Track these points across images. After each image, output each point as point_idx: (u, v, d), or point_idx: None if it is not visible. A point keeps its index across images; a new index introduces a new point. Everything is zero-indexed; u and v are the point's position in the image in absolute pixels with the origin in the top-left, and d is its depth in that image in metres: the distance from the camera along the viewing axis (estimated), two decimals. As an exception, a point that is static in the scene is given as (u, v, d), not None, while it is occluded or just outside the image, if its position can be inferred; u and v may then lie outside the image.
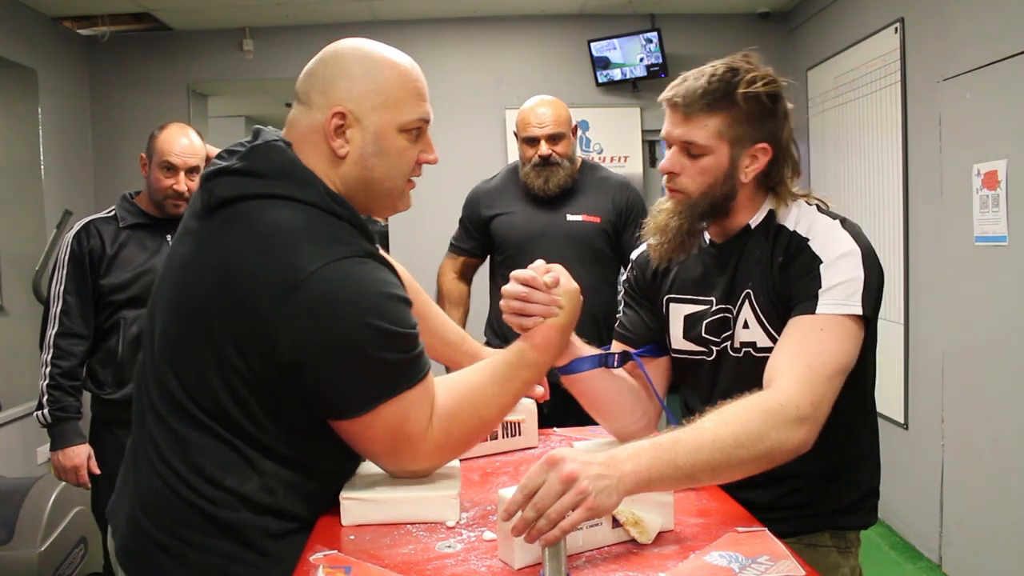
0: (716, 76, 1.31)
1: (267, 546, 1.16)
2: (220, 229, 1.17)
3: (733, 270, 1.39)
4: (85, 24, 4.50)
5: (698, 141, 1.32)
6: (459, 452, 1.29)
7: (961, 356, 3.12)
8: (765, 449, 1.13)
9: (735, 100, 1.30)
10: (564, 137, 2.63)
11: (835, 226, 1.32)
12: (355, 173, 1.23)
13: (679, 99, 1.33)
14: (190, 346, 1.16)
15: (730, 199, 1.36)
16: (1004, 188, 2.80)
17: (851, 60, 3.99)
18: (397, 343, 1.14)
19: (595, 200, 2.68)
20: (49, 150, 4.21)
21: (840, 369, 1.23)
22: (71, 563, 2.76)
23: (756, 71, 1.32)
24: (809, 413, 1.16)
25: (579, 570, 1.05)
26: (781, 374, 1.21)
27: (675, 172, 1.37)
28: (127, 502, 1.22)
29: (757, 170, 1.35)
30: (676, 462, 1.07)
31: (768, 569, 1.02)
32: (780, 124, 1.34)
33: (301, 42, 4.76)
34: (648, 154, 4.96)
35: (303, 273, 1.09)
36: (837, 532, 1.40)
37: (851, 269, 1.26)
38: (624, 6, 4.67)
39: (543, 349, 1.30)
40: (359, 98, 1.21)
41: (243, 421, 1.15)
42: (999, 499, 2.87)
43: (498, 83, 4.81)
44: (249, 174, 1.18)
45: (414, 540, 1.16)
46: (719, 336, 1.41)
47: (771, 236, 1.36)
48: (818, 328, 1.24)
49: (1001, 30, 2.82)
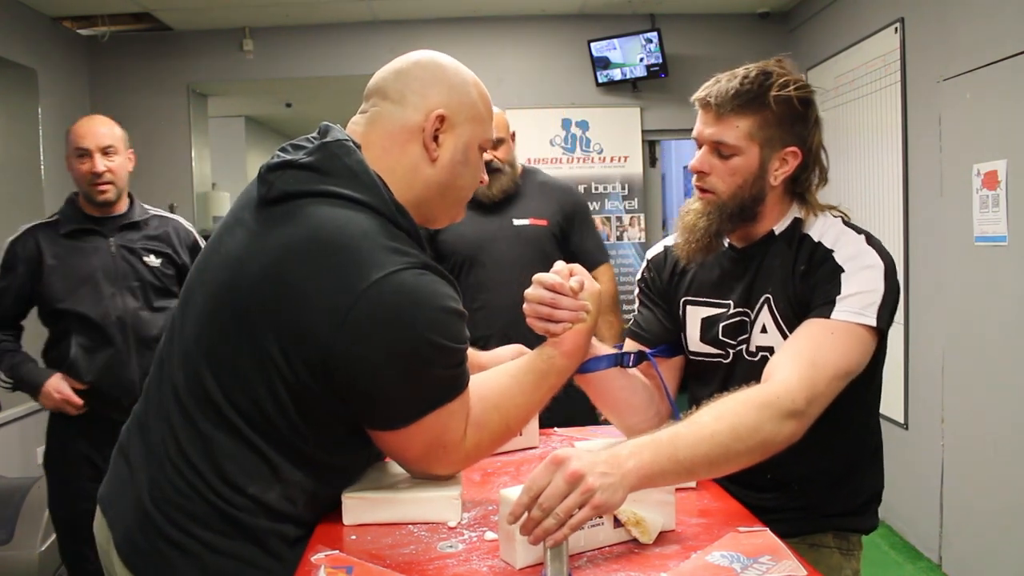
0: (749, 78, 1.32)
1: (283, 551, 1.15)
2: (276, 225, 1.14)
3: (753, 275, 1.40)
4: (85, 24, 4.50)
5: (729, 141, 1.33)
6: (482, 458, 1.30)
7: (961, 356, 3.12)
8: (759, 441, 1.14)
9: (767, 102, 1.31)
10: (504, 142, 2.62)
11: (860, 240, 1.33)
12: (440, 178, 1.23)
13: (711, 99, 1.33)
14: (231, 345, 1.13)
15: (759, 202, 1.37)
16: (1004, 188, 2.80)
17: (851, 60, 3.99)
18: (451, 358, 1.13)
19: (540, 203, 2.67)
20: (49, 150, 4.20)
21: (842, 373, 1.23)
22: (71, 563, 2.76)
23: (789, 75, 1.33)
24: (802, 408, 1.17)
25: (581, 570, 1.05)
26: (782, 367, 1.22)
27: (705, 171, 1.37)
28: (132, 495, 1.18)
29: (786, 174, 1.35)
30: (676, 457, 1.08)
31: (770, 569, 1.02)
32: (810, 130, 1.35)
33: (301, 42, 4.77)
34: (648, 154, 4.96)
35: (362, 285, 1.06)
36: (840, 533, 1.40)
37: (872, 281, 1.27)
38: (624, 6, 4.67)
39: (572, 355, 1.30)
40: (457, 106, 1.22)
41: (280, 426, 1.12)
42: (999, 499, 2.87)
43: (498, 83, 4.81)
44: (316, 170, 1.15)
45: (416, 540, 1.16)
46: (735, 339, 1.41)
47: (795, 244, 1.37)
48: (829, 331, 1.25)
49: (1001, 30, 2.82)
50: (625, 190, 4.82)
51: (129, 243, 2.44)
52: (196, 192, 4.86)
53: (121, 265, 2.41)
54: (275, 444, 1.13)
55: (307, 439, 1.14)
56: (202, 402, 1.14)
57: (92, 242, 2.41)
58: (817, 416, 1.20)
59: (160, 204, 4.35)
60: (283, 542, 1.16)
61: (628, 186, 4.85)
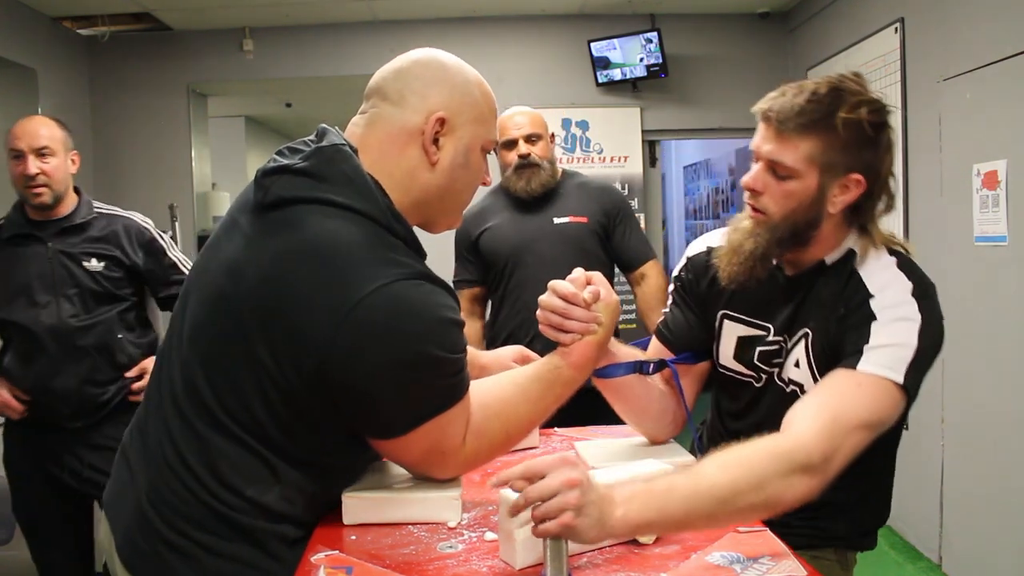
0: (817, 96, 1.21)
1: (282, 552, 1.15)
2: (272, 232, 1.12)
3: (798, 304, 1.32)
4: (85, 24, 4.50)
5: (786, 162, 1.23)
6: (482, 464, 1.29)
7: (961, 356, 3.11)
8: (765, 497, 1.07)
9: (833, 124, 1.20)
10: (542, 139, 2.67)
11: (905, 289, 1.23)
12: (440, 182, 1.20)
13: (773, 114, 1.23)
14: (224, 349, 1.12)
15: (812, 228, 1.27)
16: (1004, 188, 2.80)
17: (851, 60, 3.99)
18: (446, 367, 1.11)
19: (579, 202, 2.69)
20: (49, 150, 4.21)
21: (866, 424, 1.14)
22: (71, 563, 2.76)
23: (863, 95, 1.23)
24: (818, 463, 1.09)
25: (581, 570, 1.05)
26: (801, 419, 1.14)
27: (758, 190, 1.27)
28: (132, 497, 1.18)
29: (847, 202, 1.25)
30: (666, 510, 1.04)
31: (770, 569, 1.02)
32: (880, 156, 1.25)
33: (301, 42, 4.77)
34: (648, 154, 4.96)
35: (356, 296, 1.05)
36: (840, 551, 1.40)
37: (903, 335, 1.19)
38: (624, 6, 4.67)
39: (580, 367, 1.27)
40: (458, 108, 1.19)
41: (273, 430, 1.12)
42: (999, 500, 2.87)
43: (498, 83, 4.80)
44: (311, 175, 1.13)
45: (415, 540, 1.16)
46: (770, 364, 1.36)
47: (843, 280, 1.28)
48: (855, 383, 1.17)
49: (1001, 30, 2.82)
50: (625, 190, 4.82)
51: (68, 247, 2.32)
52: (196, 192, 4.86)
53: (58, 271, 2.30)
54: (271, 447, 1.13)
55: (303, 442, 1.14)
56: (197, 405, 1.14)
57: (31, 248, 2.31)
58: (838, 471, 1.12)
59: (160, 204, 4.40)
60: (282, 543, 1.15)
61: (628, 186, 4.85)
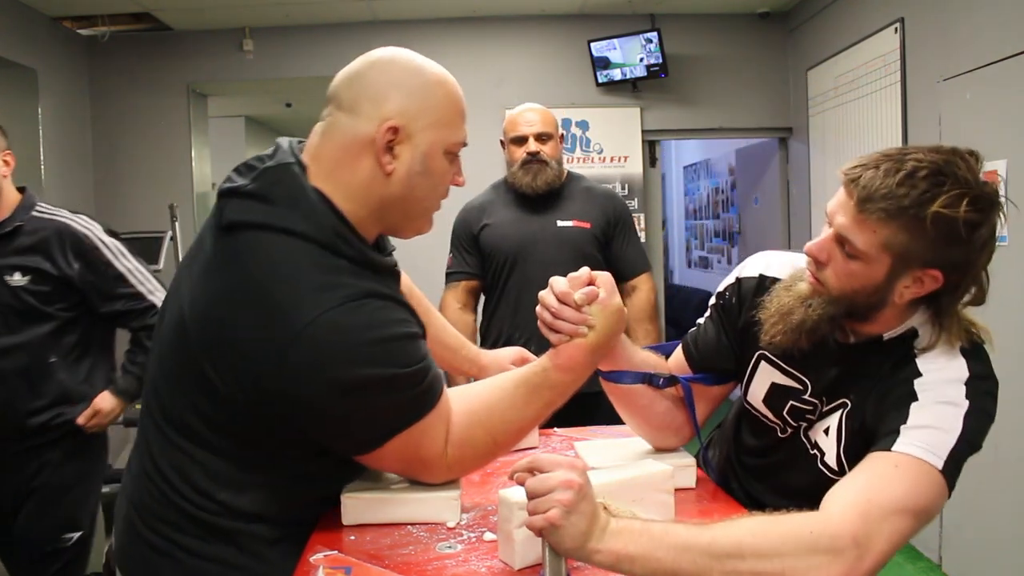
0: (913, 180, 1.06)
1: (262, 551, 1.16)
2: (222, 263, 1.13)
3: (843, 370, 1.23)
4: (85, 24, 4.50)
5: (858, 245, 1.10)
6: (472, 470, 1.29)
7: (961, 356, 3.11)
8: (776, 570, 0.95)
9: (923, 216, 1.06)
10: (552, 138, 2.68)
11: (959, 375, 1.13)
12: (397, 191, 1.16)
13: (858, 189, 1.09)
14: (183, 372, 1.14)
15: (872, 310, 1.17)
16: (1004, 188, 2.80)
17: (851, 60, 3.99)
18: (402, 383, 1.10)
19: (584, 206, 2.69)
20: (49, 150, 4.21)
21: (906, 509, 1.02)
22: (71, 563, 2.75)
23: (967, 187, 1.07)
24: (847, 547, 0.97)
25: (580, 571, 1.05)
26: (834, 502, 1.03)
27: (821, 261, 1.16)
28: (124, 503, 1.23)
29: (917, 295, 1.14)
30: (654, 553, 0.96)
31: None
32: (969, 254, 1.12)
33: (301, 42, 4.77)
34: (648, 154, 4.95)
35: (296, 330, 1.04)
36: None
37: (946, 419, 1.08)
38: (624, 6, 4.67)
39: (567, 370, 1.21)
40: (413, 113, 1.15)
41: (240, 443, 1.13)
42: (999, 499, 2.87)
43: (498, 83, 4.81)
44: (258, 198, 1.12)
45: (414, 541, 1.16)
46: (799, 419, 1.29)
47: (897, 360, 1.17)
48: (892, 464, 1.05)
49: (1001, 30, 2.82)
50: (625, 190, 4.82)
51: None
52: (196, 192, 4.86)
53: None
54: (240, 454, 1.14)
55: (272, 453, 1.15)
56: (168, 416, 1.16)
57: None
58: (880, 561, 1.00)
59: (160, 204, 4.41)
60: (261, 542, 1.16)
61: (628, 186, 4.84)
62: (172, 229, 4.16)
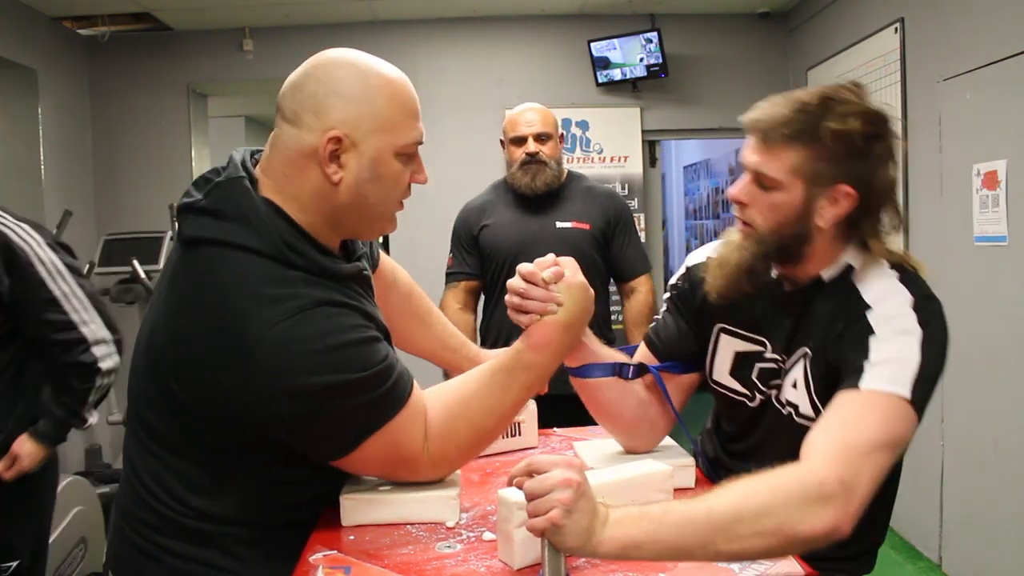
0: (804, 105, 1.19)
1: (241, 552, 1.16)
2: (180, 280, 1.15)
3: (796, 321, 1.28)
4: (85, 24, 4.50)
5: (769, 174, 1.20)
6: (461, 464, 1.28)
7: (961, 356, 3.10)
8: (774, 526, 0.98)
9: (819, 135, 1.17)
10: (552, 138, 2.68)
11: (905, 301, 1.18)
12: (348, 200, 1.15)
13: (759, 124, 1.21)
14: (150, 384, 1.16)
15: (802, 243, 1.24)
16: (1004, 188, 2.80)
17: (851, 60, 3.99)
18: (362, 387, 1.10)
19: (583, 207, 2.69)
20: (49, 150, 4.21)
21: (882, 444, 1.07)
22: (71, 563, 2.76)
23: (854, 104, 1.18)
24: (836, 490, 1.01)
25: (579, 570, 1.05)
26: (813, 448, 1.07)
27: (744, 202, 1.25)
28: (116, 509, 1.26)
29: (837, 216, 1.21)
30: (658, 533, 0.98)
31: (768, 569, 1.02)
32: (872, 167, 1.20)
33: (301, 42, 4.75)
34: (648, 154, 4.95)
35: (249, 345, 1.06)
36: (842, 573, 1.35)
37: (905, 349, 1.13)
38: (624, 6, 4.67)
39: (541, 348, 1.21)
40: (356, 121, 1.12)
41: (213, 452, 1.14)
42: (999, 499, 2.87)
43: (498, 83, 4.81)
44: (210, 214, 1.13)
45: (414, 540, 1.16)
46: (767, 384, 1.33)
47: (841, 296, 1.23)
48: (861, 403, 1.10)
49: (1001, 30, 2.82)
50: (625, 190, 4.82)
51: None
52: (196, 192, 4.86)
53: None
54: (213, 463, 1.15)
55: (245, 462, 1.15)
56: (143, 424, 1.18)
57: None
58: (866, 498, 1.04)
59: (160, 204, 4.41)
60: (239, 543, 1.16)
61: (628, 186, 4.85)
62: (172, 229, 4.17)
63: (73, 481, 2.86)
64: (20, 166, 4.12)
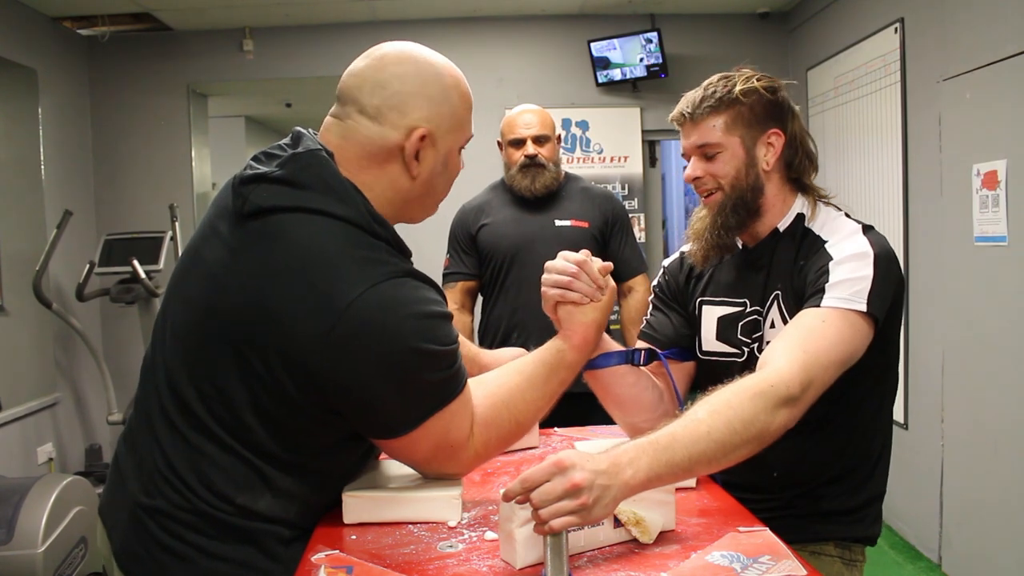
0: (713, 83, 1.40)
1: (278, 552, 1.15)
2: (254, 243, 1.12)
3: (766, 273, 1.42)
4: (85, 24, 4.50)
5: (710, 140, 1.38)
6: (493, 456, 1.30)
7: (961, 356, 3.12)
8: (756, 432, 1.12)
9: (736, 97, 1.37)
10: (550, 140, 2.67)
11: (855, 231, 1.35)
12: (420, 190, 1.21)
13: (685, 111, 1.40)
14: (211, 358, 1.12)
15: (759, 192, 1.40)
16: (1004, 188, 2.80)
17: (851, 60, 3.99)
18: (441, 361, 1.12)
19: (582, 206, 2.69)
20: (49, 150, 4.20)
21: (837, 360, 1.22)
22: (71, 563, 2.76)
23: (748, 72, 1.41)
24: (797, 394, 1.16)
25: (581, 570, 1.05)
26: (775, 356, 1.21)
27: (698, 176, 1.41)
28: (126, 504, 1.18)
29: (776, 155, 1.39)
30: (674, 460, 1.07)
31: (770, 569, 1.02)
32: (785, 113, 1.40)
33: (301, 42, 4.77)
34: (648, 154, 4.96)
35: (342, 303, 1.06)
36: (842, 543, 1.39)
37: (860, 268, 1.28)
38: (624, 6, 4.67)
39: (582, 349, 1.30)
40: (438, 120, 1.18)
41: (263, 437, 1.12)
42: (999, 499, 2.87)
43: (498, 83, 4.81)
44: (288, 183, 1.12)
45: (416, 540, 1.16)
46: (751, 337, 1.43)
47: (798, 239, 1.40)
48: (820, 319, 1.25)
49: (1001, 30, 2.82)
50: (625, 190, 4.82)
51: None
52: (196, 192, 4.86)
53: None
54: (261, 454, 1.13)
55: (295, 448, 1.14)
56: (185, 413, 1.14)
57: None
58: (811, 402, 1.19)
59: (160, 204, 4.41)
60: (279, 542, 1.16)
61: (628, 186, 4.85)
62: (172, 229, 4.16)
63: (73, 481, 2.86)
64: (20, 166, 4.12)
